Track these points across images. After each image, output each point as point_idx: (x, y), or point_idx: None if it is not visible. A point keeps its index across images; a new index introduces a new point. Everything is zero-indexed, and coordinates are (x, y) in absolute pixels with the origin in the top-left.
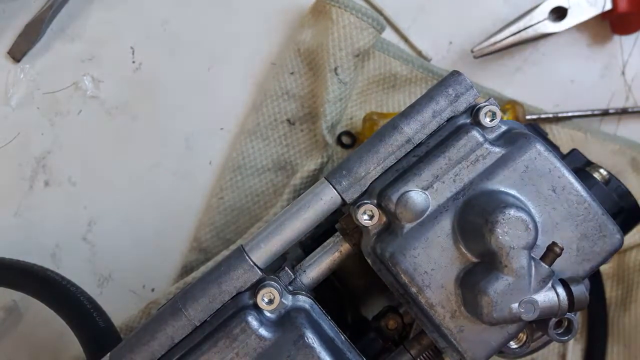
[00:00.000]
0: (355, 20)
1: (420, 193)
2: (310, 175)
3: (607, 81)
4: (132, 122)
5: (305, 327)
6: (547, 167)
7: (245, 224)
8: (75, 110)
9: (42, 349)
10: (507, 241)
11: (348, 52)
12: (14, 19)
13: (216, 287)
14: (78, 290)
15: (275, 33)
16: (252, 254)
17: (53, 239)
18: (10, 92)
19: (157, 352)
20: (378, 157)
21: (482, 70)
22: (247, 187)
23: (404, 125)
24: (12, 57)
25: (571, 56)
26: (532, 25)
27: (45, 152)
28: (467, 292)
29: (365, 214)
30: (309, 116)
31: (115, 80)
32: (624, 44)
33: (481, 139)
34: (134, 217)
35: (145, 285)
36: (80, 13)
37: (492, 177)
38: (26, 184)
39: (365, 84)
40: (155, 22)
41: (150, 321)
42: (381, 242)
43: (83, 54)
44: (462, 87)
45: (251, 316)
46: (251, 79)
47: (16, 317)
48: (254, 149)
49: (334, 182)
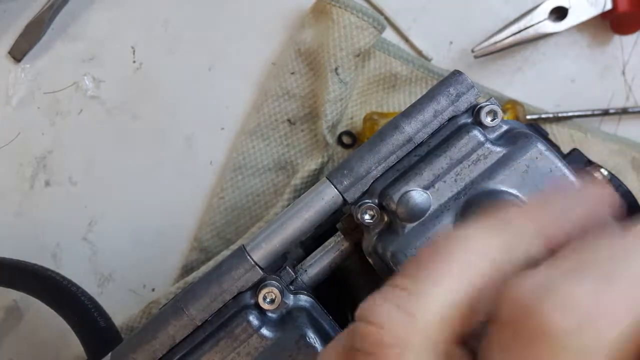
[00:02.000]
0: (355, 20)
1: (421, 192)
2: (310, 175)
3: (608, 81)
4: (133, 122)
5: (306, 327)
6: (548, 166)
7: (246, 224)
8: (75, 110)
9: (42, 349)
10: None
11: (348, 52)
12: (14, 19)
13: (217, 286)
14: (79, 290)
15: (276, 33)
16: (254, 254)
17: (54, 238)
18: (11, 92)
19: (159, 351)
20: (379, 156)
21: (483, 70)
22: (248, 187)
23: (405, 124)
24: (12, 57)
25: (572, 56)
26: (533, 25)
27: (46, 152)
28: None
29: (367, 214)
30: (310, 116)
31: (115, 80)
32: (624, 44)
33: (482, 138)
34: (135, 217)
35: (145, 285)
36: (81, 13)
37: (494, 177)
38: (27, 183)
39: (365, 83)
40: (156, 22)
41: (152, 321)
42: (382, 242)
43: (84, 53)
44: (463, 87)
45: (252, 316)
46: (252, 79)
47: (16, 317)
48: (254, 149)
49: (335, 181)
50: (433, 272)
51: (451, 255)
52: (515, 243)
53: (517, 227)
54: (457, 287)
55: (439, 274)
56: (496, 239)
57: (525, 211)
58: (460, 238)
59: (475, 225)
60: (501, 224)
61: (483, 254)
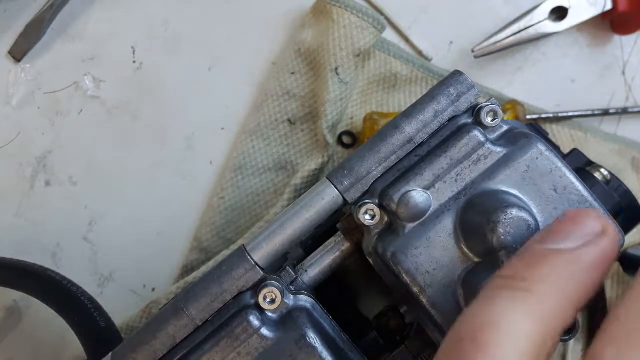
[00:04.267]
0: (356, 20)
1: (422, 193)
2: (311, 175)
3: (608, 81)
4: (133, 122)
5: (307, 327)
6: (548, 167)
7: (246, 224)
8: (76, 110)
9: (42, 349)
10: (509, 241)
11: (349, 52)
12: (14, 19)
13: (218, 286)
14: (79, 290)
15: (276, 33)
16: (254, 254)
17: (54, 238)
18: (11, 92)
19: (159, 351)
20: (379, 156)
21: (483, 70)
22: (248, 187)
23: (406, 125)
24: (13, 57)
25: (572, 56)
26: (533, 25)
27: (46, 152)
28: (469, 291)
29: (367, 214)
30: (310, 116)
31: (116, 80)
32: (624, 44)
33: (483, 138)
34: (135, 217)
35: (146, 285)
36: (81, 13)
37: (494, 177)
38: (27, 183)
39: (365, 83)
40: (156, 22)
41: (152, 321)
42: (383, 242)
43: (84, 53)
44: (464, 87)
45: (253, 316)
46: (252, 79)
47: (16, 317)
48: (254, 149)
49: (336, 181)
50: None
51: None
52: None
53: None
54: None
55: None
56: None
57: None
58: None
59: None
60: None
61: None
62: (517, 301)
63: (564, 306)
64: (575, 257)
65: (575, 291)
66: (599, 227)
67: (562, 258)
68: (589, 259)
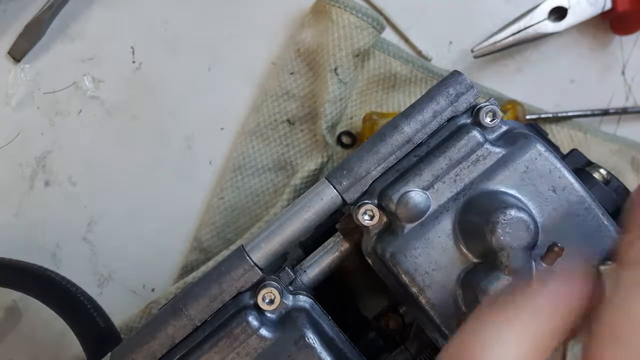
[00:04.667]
0: (355, 20)
1: (420, 193)
2: (310, 175)
3: (607, 81)
4: (133, 122)
5: (306, 327)
6: (547, 167)
7: (246, 224)
8: (75, 110)
9: (42, 349)
10: (508, 241)
11: (348, 52)
12: (14, 19)
13: (217, 287)
14: (78, 290)
15: (276, 33)
16: (253, 254)
17: (53, 238)
18: (11, 92)
19: (158, 351)
20: (378, 157)
21: (482, 70)
22: (248, 187)
23: (405, 125)
24: (12, 57)
25: (571, 56)
26: (532, 25)
27: (46, 152)
28: (468, 292)
29: (366, 214)
30: (309, 116)
31: (115, 80)
32: (624, 44)
33: (482, 139)
34: (135, 217)
35: (145, 285)
36: (81, 13)
37: (493, 178)
38: (26, 184)
39: (365, 83)
40: (155, 22)
41: (151, 321)
42: (382, 242)
43: (83, 53)
44: (463, 87)
45: (252, 316)
46: (251, 79)
47: (16, 317)
48: (254, 149)
49: (335, 182)
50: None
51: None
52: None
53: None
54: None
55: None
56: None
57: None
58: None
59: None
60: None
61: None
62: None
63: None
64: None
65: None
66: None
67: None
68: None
